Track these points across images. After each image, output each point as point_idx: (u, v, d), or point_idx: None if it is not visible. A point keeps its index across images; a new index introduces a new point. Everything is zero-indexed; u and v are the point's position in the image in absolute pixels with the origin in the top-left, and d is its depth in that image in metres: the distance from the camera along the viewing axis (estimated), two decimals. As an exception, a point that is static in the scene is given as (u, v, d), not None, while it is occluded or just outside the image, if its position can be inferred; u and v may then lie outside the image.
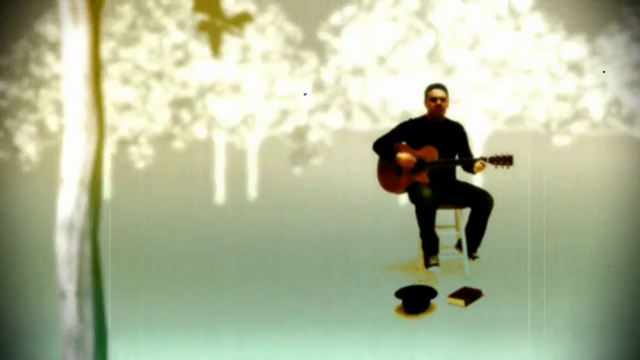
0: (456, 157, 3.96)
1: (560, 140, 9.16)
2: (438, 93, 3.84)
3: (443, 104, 3.82)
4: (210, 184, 9.58)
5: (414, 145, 3.90)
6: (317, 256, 4.66)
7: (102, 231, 6.10)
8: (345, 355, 2.47)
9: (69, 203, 1.50)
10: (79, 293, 1.48)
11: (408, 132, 3.93)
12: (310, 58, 9.37)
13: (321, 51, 9.15)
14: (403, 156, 3.84)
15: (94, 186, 1.52)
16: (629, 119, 8.99)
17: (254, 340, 2.65)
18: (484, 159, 3.67)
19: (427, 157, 3.82)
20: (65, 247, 1.51)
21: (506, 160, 3.63)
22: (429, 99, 3.87)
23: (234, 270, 4.17)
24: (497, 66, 8.83)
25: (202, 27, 3.25)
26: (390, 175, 3.97)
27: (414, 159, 3.82)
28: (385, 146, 3.93)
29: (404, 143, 3.98)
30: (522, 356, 2.42)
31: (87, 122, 1.51)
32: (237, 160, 10.06)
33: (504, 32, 8.67)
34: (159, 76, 9.09)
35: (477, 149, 9.67)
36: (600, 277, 3.76)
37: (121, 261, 4.45)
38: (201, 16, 3.11)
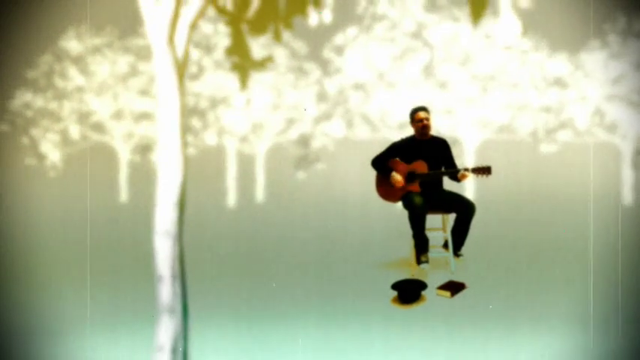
0: (443, 169, 4.38)
1: (546, 148, 9.74)
2: (422, 115, 4.27)
3: (427, 123, 4.26)
4: (222, 188, 10.08)
5: (406, 161, 4.30)
6: (319, 254, 4.89)
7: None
8: (346, 345, 2.68)
9: (165, 218, 2.15)
10: (173, 277, 2.12)
11: (400, 150, 4.33)
12: (314, 71, 9.95)
13: (325, 67, 9.75)
14: (397, 177, 4.37)
15: (181, 204, 2.16)
16: (611, 128, 9.59)
17: (254, 333, 2.77)
18: (467, 169, 4.07)
19: (418, 169, 4.20)
20: (163, 247, 2.15)
21: (485, 170, 4.03)
22: (416, 121, 4.29)
23: (242, 266, 4.43)
24: (487, 80, 9.45)
25: (234, 67, 3.94)
26: (387, 187, 4.34)
27: (403, 180, 4.33)
28: (382, 163, 4.34)
29: (397, 159, 4.48)
30: (498, 337, 2.72)
31: (177, 157, 2.14)
32: (246, 165, 10.54)
33: (493, 50, 9.28)
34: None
35: (469, 156, 10.19)
36: (579, 275, 3.95)
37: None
38: (234, 58, 3.76)
